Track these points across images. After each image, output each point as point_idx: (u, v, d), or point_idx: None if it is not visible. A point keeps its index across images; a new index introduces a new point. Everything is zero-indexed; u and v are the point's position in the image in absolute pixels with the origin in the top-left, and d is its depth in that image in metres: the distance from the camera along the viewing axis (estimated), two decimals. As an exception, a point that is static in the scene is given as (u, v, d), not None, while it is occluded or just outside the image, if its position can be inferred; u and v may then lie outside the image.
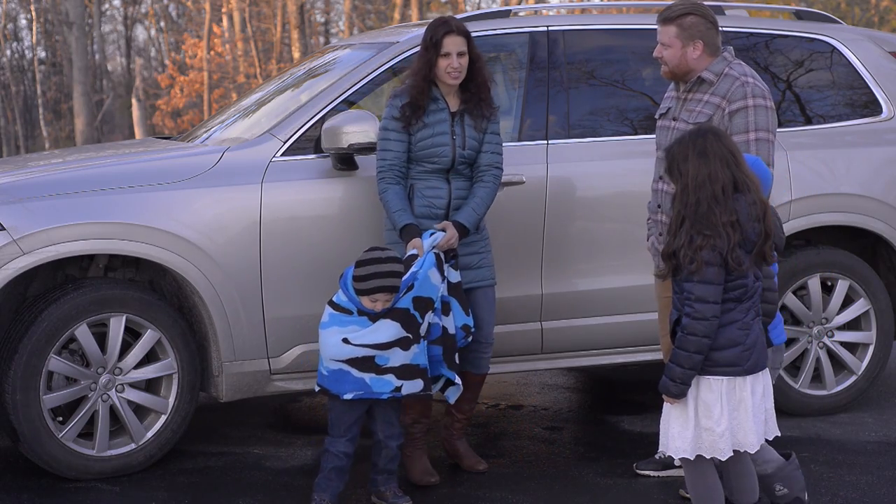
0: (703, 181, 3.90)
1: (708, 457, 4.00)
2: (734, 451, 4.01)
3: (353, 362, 4.50)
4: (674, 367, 3.97)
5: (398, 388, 4.54)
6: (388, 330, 4.52)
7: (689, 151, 3.95)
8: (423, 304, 4.60)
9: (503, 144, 5.51)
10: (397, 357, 4.53)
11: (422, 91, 4.89)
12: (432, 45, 4.87)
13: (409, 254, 4.70)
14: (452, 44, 4.87)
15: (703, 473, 4.06)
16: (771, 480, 4.23)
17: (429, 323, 4.63)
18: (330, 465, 4.61)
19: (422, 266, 4.64)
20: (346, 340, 4.50)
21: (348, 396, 4.52)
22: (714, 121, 4.58)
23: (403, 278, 4.57)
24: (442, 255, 4.71)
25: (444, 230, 4.77)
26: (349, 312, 4.54)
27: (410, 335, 4.54)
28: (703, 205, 3.89)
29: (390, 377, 4.52)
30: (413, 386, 4.57)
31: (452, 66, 4.87)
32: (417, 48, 5.41)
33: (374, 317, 4.52)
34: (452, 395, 4.87)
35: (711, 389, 3.96)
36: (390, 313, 4.53)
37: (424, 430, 5.04)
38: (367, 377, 4.51)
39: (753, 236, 3.94)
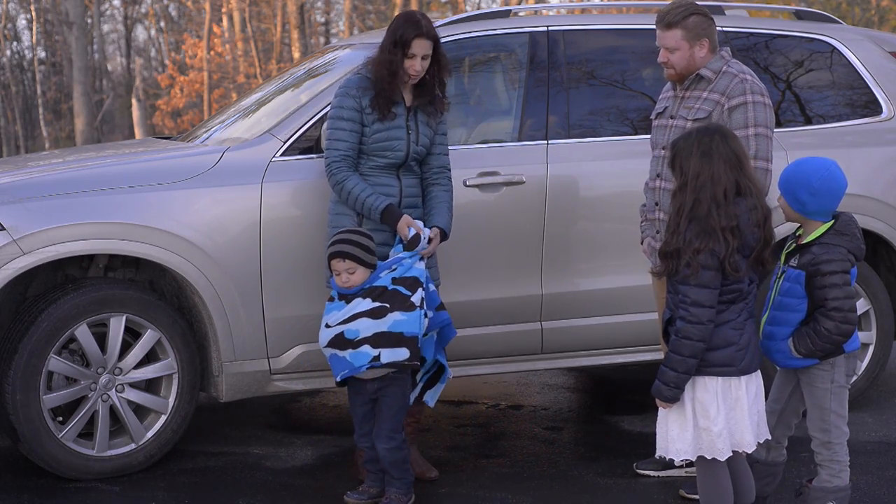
0: (705, 182, 3.89)
1: (709, 457, 3.99)
2: (732, 451, 4.01)
3: (332, 344, 4.51)
4: (667, 371, 3.96)
5: (377, 357, 4.45)
6: (357, 306, 4.50)
7: (693, 149, 3.93)
8: (409, 282, 4.54)
9: (503, 145, 5.53)
10: (366, 326, 4.45)
11: (392, 86, 4.79)
12: (400, 43, 4.75)
13: (411, 235, 4.67)
14: (420, 47, 4.76)
15: (715, 475, 4.05)
16: (826, 496, 4.25)
17: (422, 298, 4.55)
18: (364, 459, 4.72)
19: (408, 257, 4.60)
20: (327, 325, 4.53)
21: (338, 378, 4.53)
22: (713, 117, 4.60)
23: (387, 261, 4.57)
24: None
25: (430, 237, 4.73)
26: (332, 299, 4.59)
27: (387, 304, 4.47)
28: (702, 206, 3.88)
29: (365, 348, 4.46)
30: (394, 354, 4.46)
31: (415, 68, 4.77)
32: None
33: (349, 298, 4.52)
34: (431, 398, 4.84)
35: (707, 389, 3.96)
36: (365, 291, 4.51)
37: (414, 430, 5.02)
38: (347, 354, 4.48)
39: (753, 242, 3.93)
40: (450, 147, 5.46)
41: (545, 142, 5.52)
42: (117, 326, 4.95)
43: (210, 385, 5.21)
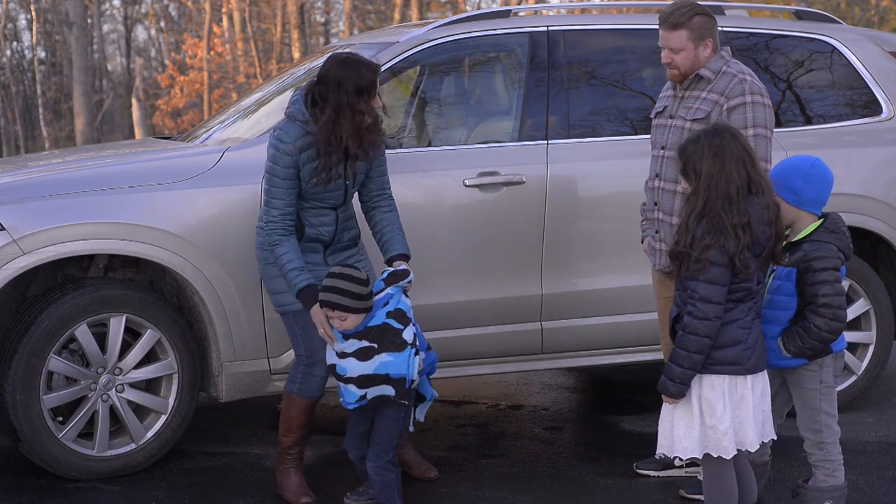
0: (719, 181, 3.89)
1: (715, 455, 3.99)
2: (736, 449, 4.01)
3: (330, 370, 4.50)
4: (673, 367, 3.97)
5: (363, 397, 4.41)
6: (349, 346, 4.40)
7: (704, 150, 3.94)
8: (398, 314, 4.42)
9: (503, 145, 5.53)
10: (353, 367, 4.38)
11: (353, 146, 4.50)
12: (366, 89, 4.48)
13: (387, 273, 4.55)
14: (378, 83, 4.57)
15: (721, 474, 4.05)
16: (823, 495, 4.26)
17: (413, 334, 4.43)
18: (358, 467, 4.66)
19: (396, 293, 4.47)
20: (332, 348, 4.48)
21: (342, 402, 4.49)
22: (712, 117, 4.60)
23: (378, 297, 4.42)
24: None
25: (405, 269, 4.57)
26: None
27: (374, 345, 4.36)
28: (714, 203, 3.88)
29: (352, 387, 4.41)
30: (379, 391, 4.40)
31: (377, 103, 4.54)
32: (417, 48, 5.43)
33: (346, 336, 4.41)
34: (420, 412, 4.73)
35: (714, 387, 3.97)
36: (360, 333, 4.38)
37: (300, 453, 4.83)
38: (341, 385, 4.45)
39: (763, 239, 3.93)
40: (450, 147, 5.49)
41: (545, 142, 5.52)
42: (117, 326, 4.96)
43: (210, 385, 5.21)
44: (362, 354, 4.36)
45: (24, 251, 4.81)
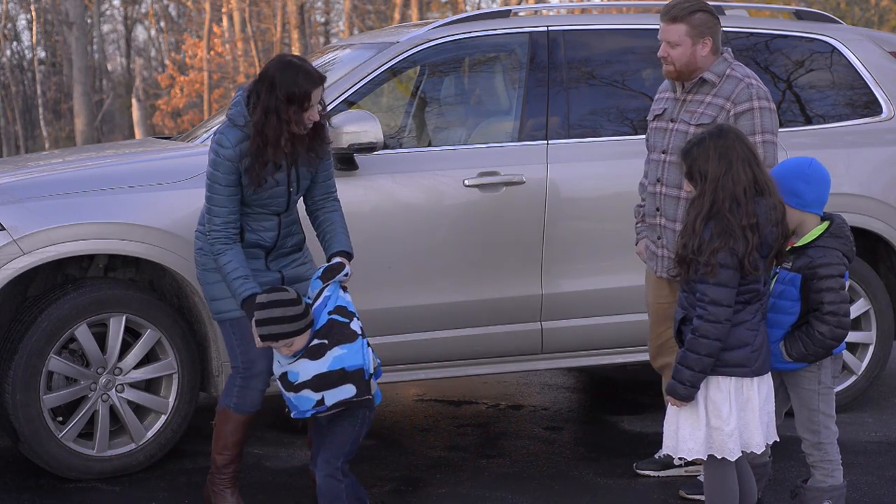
0: (725, 183, 3.88)
1: (719, 457, 3.99)
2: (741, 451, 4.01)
3: (280, 380, 4.29)
4: (683, 370, 3.95)
5: (320, 402, 4.15)
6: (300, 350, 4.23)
7: (710, 152, 3.92)
8: (341, 310, 4.22)
9: (503, 145, 5.53)
10: (305, 368, 4.15)
11: (282, 153, 4.30)
12: (297, 98, 4.22)
13: (323, 268, 4.37)
14: (317, 95, 4.29)
15: (723, 476, 4.05)
16: (822, 495, 4.26)
17: (361, 326, 4.22)
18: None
19: (333, 292, 4.28)
20: (279, 361, 4.31)
21: (292, 416, 4.30)
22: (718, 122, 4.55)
23: (315, 305, 4.24)
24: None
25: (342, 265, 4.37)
26: None
27: (325, 341, 4.15)
28: (723, 206, 3.87)
29: (307, 392, 4.16)
30: (339, 393, 4.13)
31: (314, 117, 4.29)
32: (417, 48, 5.43)
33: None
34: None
35: (720, 388, 3.96)
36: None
37: (236, 472, 4.61)
38: (291, 395, 4.24)
39: (771, 240, 3.92)
40: (450, 147, 5.49)
41: (545, 142, 5.52)
42: (117, 326, 4.96)
43: (210, 385, 5.21)
44: (313, 353, 4.17)
45: (24, 251, 4.81)
